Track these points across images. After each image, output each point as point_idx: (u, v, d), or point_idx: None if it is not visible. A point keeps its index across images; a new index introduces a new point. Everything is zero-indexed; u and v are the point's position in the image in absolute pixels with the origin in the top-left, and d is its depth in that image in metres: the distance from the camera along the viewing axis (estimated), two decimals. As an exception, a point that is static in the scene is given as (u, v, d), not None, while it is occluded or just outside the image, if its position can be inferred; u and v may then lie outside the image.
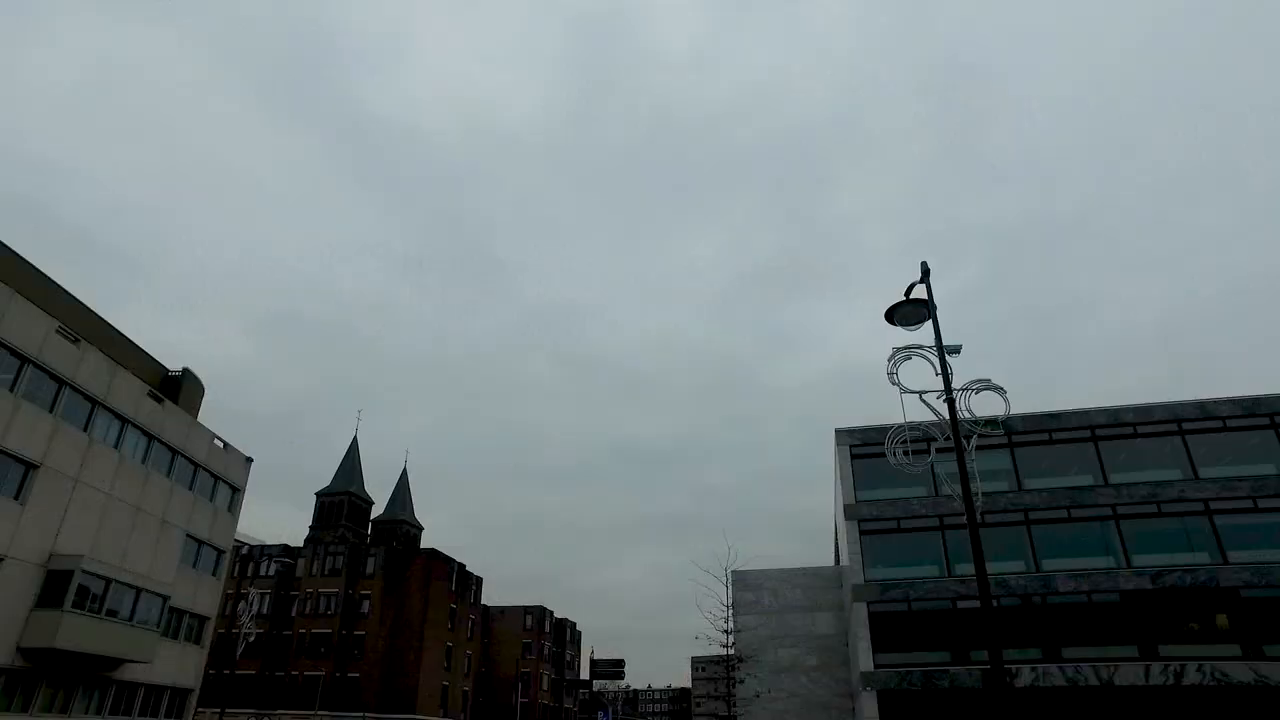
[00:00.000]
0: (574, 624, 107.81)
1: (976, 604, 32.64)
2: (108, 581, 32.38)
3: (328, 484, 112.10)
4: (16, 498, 29.46)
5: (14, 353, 29.46)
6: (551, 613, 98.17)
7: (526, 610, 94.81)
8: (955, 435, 10.64)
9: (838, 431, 39.17)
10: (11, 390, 29.36)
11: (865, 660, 33.21)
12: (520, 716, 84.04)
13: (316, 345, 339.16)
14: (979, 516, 10.34)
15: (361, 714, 64.59)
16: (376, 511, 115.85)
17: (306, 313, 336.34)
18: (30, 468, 30.04)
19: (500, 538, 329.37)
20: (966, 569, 33.55)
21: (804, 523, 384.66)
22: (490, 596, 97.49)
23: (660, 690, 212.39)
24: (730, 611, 41.03)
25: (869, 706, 32.24)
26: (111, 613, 32.56)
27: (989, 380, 11.21)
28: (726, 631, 40.28)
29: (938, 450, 12.97)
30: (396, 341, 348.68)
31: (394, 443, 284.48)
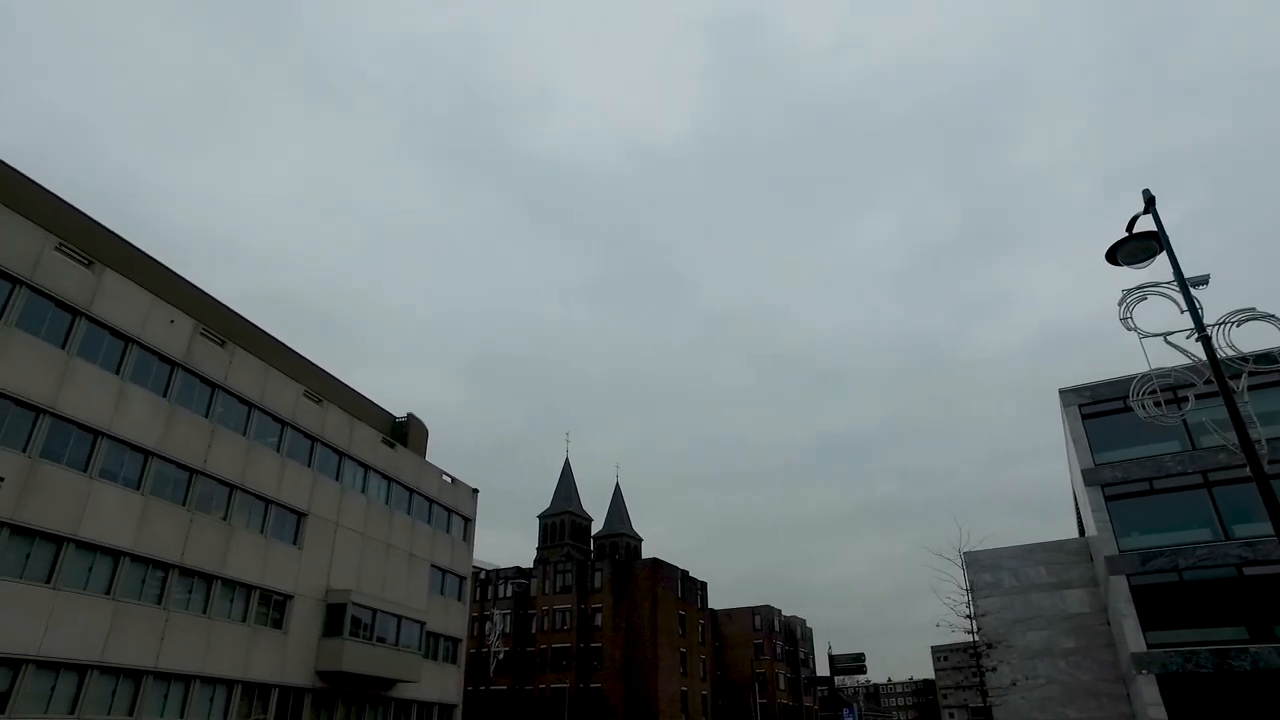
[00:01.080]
0: (803, 621, 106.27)
1: (1273, 569, 28.43)
2: (374, 611, 36.02)
3: (547, 506, 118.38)
4: (295, 543, 33.61)
5: (275, 418, 33.73)
6: (779, 611, 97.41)
7: (754, 611, 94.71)
8: (1219, 377, 9.30)
9: (1062, 393, 35.78)
10: (278, 450, 33.59)
11: (1135, 640, 29.86)
12: (760, 717, 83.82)
13: (521, 379, 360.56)
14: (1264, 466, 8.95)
15: (608, 722, 67.25)
16: (596, 528, 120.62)
17: (509, 350, 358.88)
18: (301, 516, 34.19)
19: (716, 542, 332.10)
20: (1250, 530, 29.36)
21: (1032, 495, 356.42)
22: (715, 600, 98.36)
23: (901, 683, 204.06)
24: (969, 595, 38.25)
25: (1148, 692, 28.93)
26: (380, 639, 36.16)
27: (1253, 309, 9.68)
28: (969, 617, 37.44)
29: (1196, 397, 11.46)
30: (592, 365, 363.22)
31: (603, 460, 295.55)
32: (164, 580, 27.50)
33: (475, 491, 49.06)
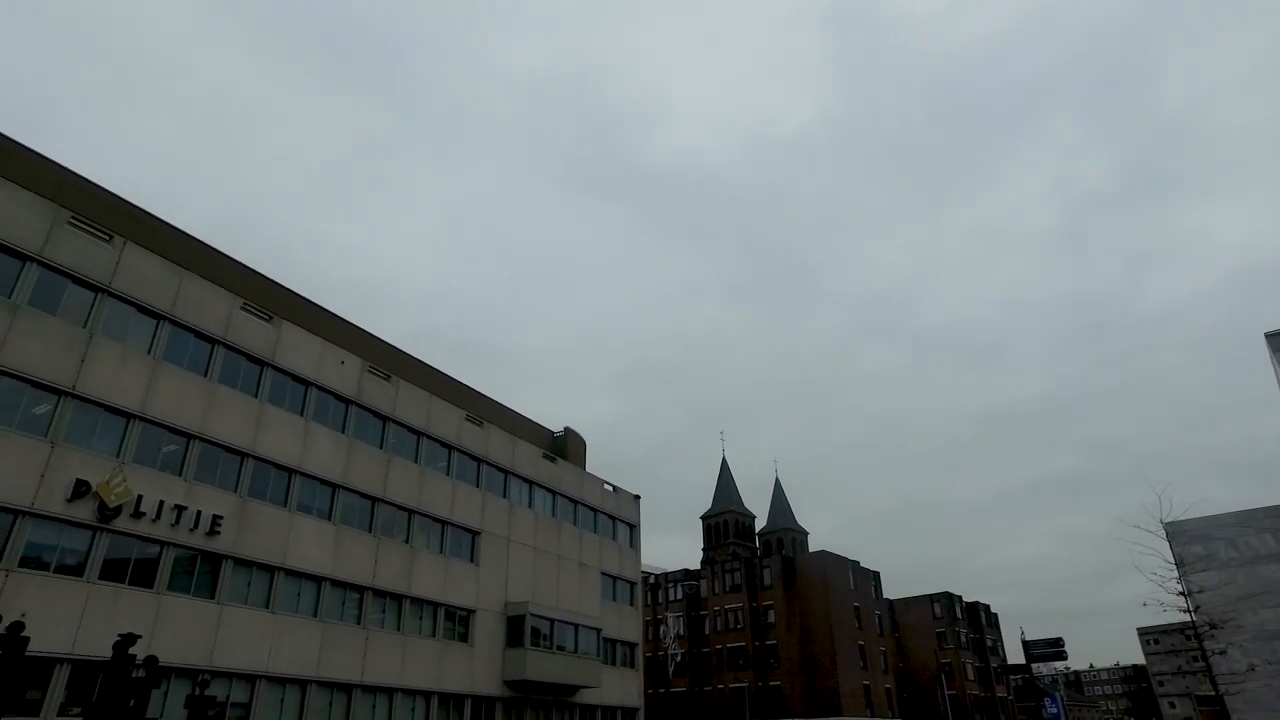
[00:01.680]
0: (987, 606, 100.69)
1: None
2: (551, 621, 37.45)
3: (708, 507, 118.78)
4: (472, 560, 35.54)
5: (442, 443, 35.88)
6: (960, 598, 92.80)
7: (932, 599, 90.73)
8: None
9: (1269, 336, 32.01)
10: (448, 473, 35.69)
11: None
12: (950, 710, 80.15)
13: (670, 385, 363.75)
14: None
15: (791, 720, 66.47)
16: (759, 525, 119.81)
17: (657, 358, 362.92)
18: (475, 535, 36.12)
19: (885, 531, 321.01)
20: None
21: (1241, 457, 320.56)
22: (890, 590, 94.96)
23: (1106, 669, 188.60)
24: (1179, 571, 34.07)
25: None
26: (560, 647, 37.54)
27: None
28: (1183, 594, 32.95)
29: None
30: (739, 363, 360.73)
31: (760, 457, 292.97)
32: (360, 601, 29.86)
33: (637, 498, 49.98)
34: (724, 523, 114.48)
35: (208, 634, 24.30)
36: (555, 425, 49.36)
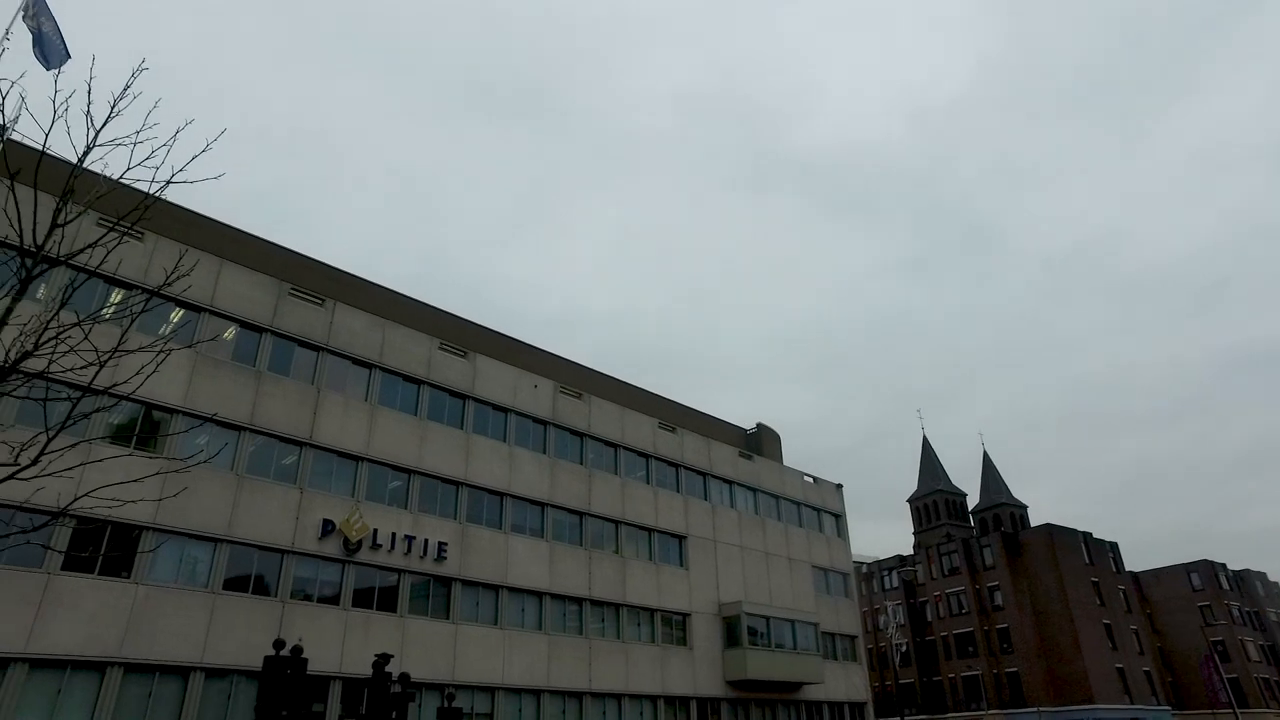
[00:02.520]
0: (1263, 575, 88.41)
1: None
2: (766, 619, 37.22)
3: (914, 490, 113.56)
4: (681, 564, 36.08)
5: (638, 453, 36.76)
6: (1224, 565, 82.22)
7: (1188, 569, 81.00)
8: None
9: None
10: (647, 482, 36.50)
11: None
12: (1232, 693, 71.19)
13: (861, 369, 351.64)
14: None
15: (1035, 709, 61.89)
16: (970, 502, 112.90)
17: (844, 344, 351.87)
18: (681, 539, 36.64)
19: (1116, 500, 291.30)
20: None
21: None
22: (1132, 562, 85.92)
23: None
24: None
25: None
26: (779, 645, 37.22)
27: None
28: None
29: None
30: (929, 339, 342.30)
31: (963, 433, 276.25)
32: (580, 613, 31.17)
33: (839, 487, 48.64)
34: (933, 504, 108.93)
35: (447, 651, 26.35)
36: (747, 424, 49.10)
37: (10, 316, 6.11)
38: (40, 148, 6.01)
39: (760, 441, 47.08)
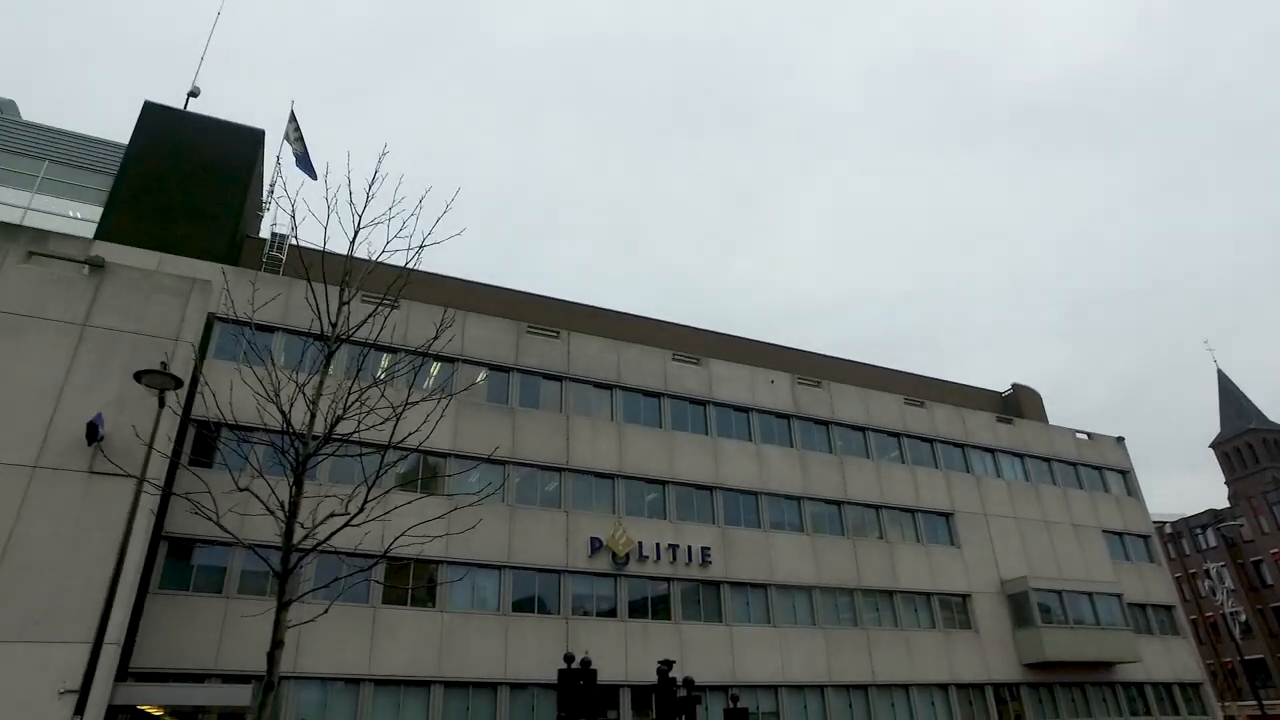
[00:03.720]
0: None
1: None
2: (1058, 594, 33.95)
3: (1216, 433, 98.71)
4: (951, 543, 34.00)
5: (888, 433, 35.27)
6: None
7: None
8: None
9: None
10: (902, 461, 34.87)
11: None
12: None
13: (1121, 310, 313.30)
14: None
15: None
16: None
17: (1097, 286, 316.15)
18: (947, 517, 34.55)
19: None
20: None
21: None
22: None
23: None
24: None
25: None
26: (1078, 621, 33.79)
27: None
28: None
29: None
30: (1198, 262, 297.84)
31: (1266, 360, 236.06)
32: (851, 604, 30.33)
33: (1120, 440, 43.49)
34: (1246, 445, 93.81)
35: (725, 652, 26.75)
36: (1000, 388, 45.41)
37: (319, 390, 7.21)
38: (321, 247, 7.04)
39: (1019, 403, 43.33)
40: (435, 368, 26.65)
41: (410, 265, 7.92)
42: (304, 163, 29.62)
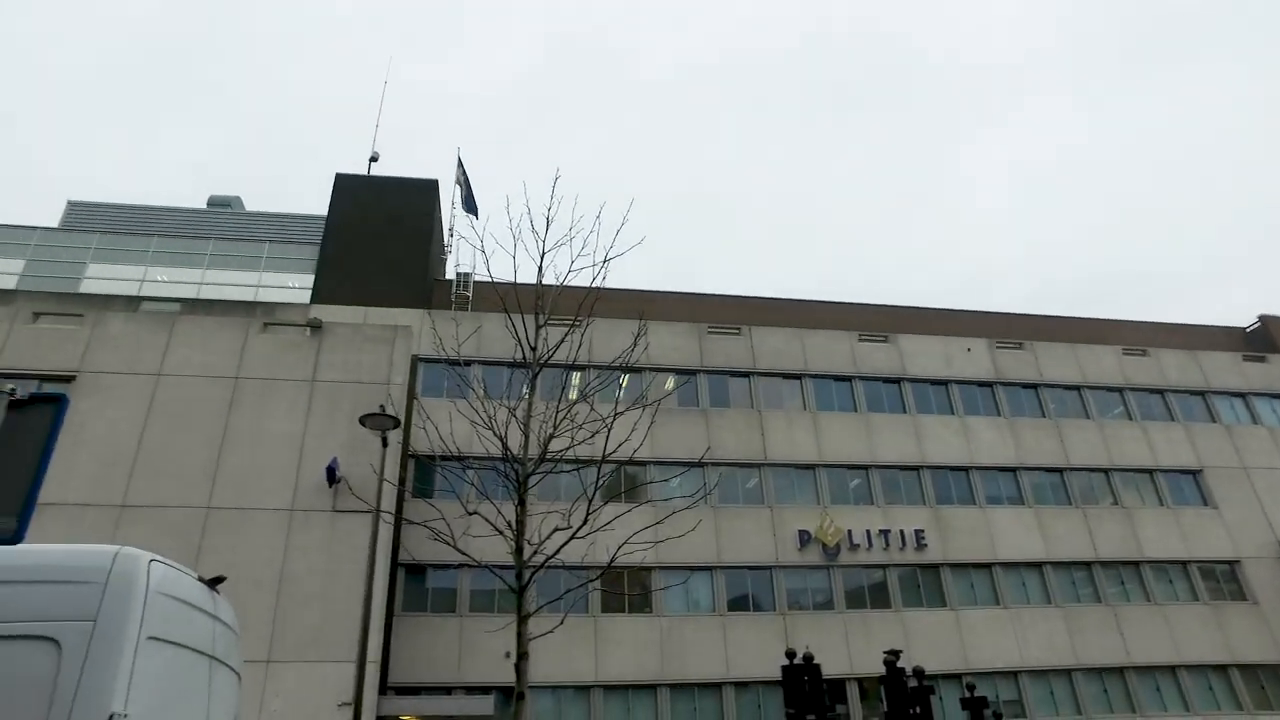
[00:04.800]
0: None
1: None
2: (1351, 551, 29.24)
3: None
4: (1205, 504, 30.16)
5: (1107, 389, 31.96)
6: None
7: None
8: None
9: None
10: (1129, 418, 31.46)
11: None
12: None
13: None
14: None
15: None
16: None
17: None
18: (1194, 474, 30.69)
19: None
20: None
21: None
22: None
23: None
24: None
25: None
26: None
27: None
28: None
29: None
30: None
31: None
32: (1090, 578, 27.73)
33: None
34: None
35: (953, 638, 25.29)
36: (1243, 322, 39.88)
37: (529, 413, 7.67)
38: (511, 279, 7.54)
39: (1270, 335, 37.89)
40: (625, 379, 27.32)
41: (597, 281, 8.22)
42: (469, 204, 31.58)
